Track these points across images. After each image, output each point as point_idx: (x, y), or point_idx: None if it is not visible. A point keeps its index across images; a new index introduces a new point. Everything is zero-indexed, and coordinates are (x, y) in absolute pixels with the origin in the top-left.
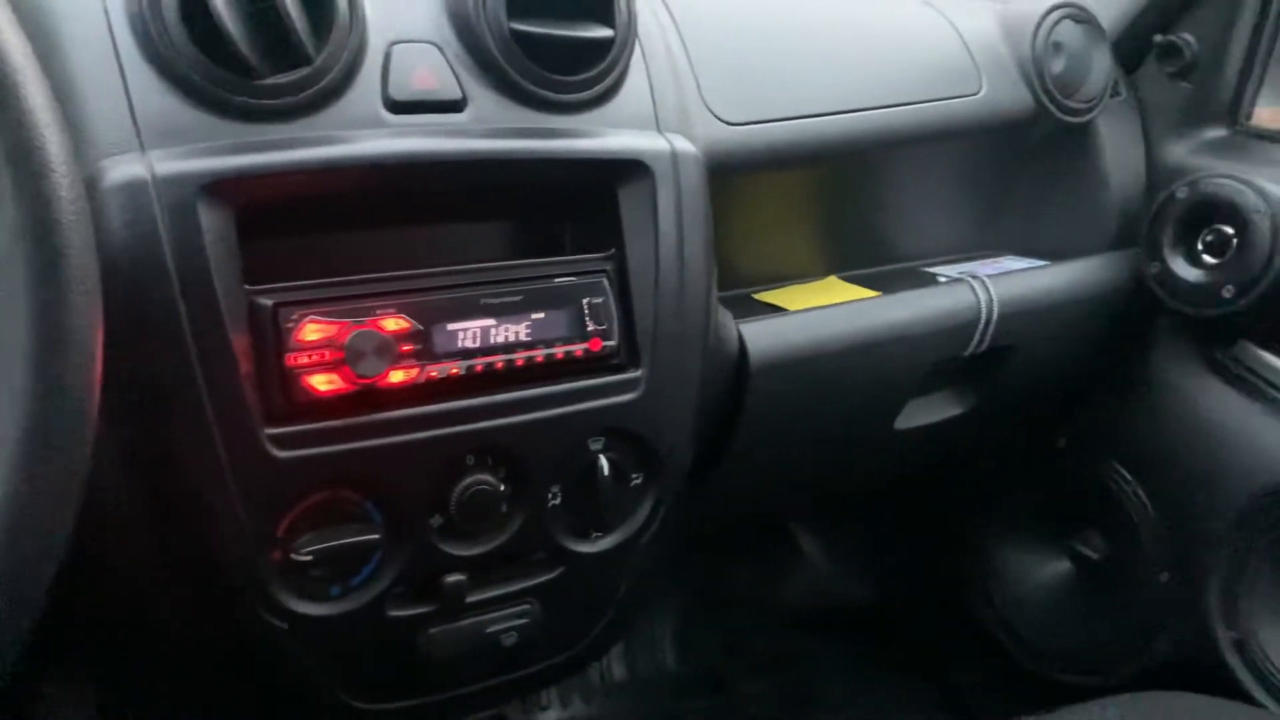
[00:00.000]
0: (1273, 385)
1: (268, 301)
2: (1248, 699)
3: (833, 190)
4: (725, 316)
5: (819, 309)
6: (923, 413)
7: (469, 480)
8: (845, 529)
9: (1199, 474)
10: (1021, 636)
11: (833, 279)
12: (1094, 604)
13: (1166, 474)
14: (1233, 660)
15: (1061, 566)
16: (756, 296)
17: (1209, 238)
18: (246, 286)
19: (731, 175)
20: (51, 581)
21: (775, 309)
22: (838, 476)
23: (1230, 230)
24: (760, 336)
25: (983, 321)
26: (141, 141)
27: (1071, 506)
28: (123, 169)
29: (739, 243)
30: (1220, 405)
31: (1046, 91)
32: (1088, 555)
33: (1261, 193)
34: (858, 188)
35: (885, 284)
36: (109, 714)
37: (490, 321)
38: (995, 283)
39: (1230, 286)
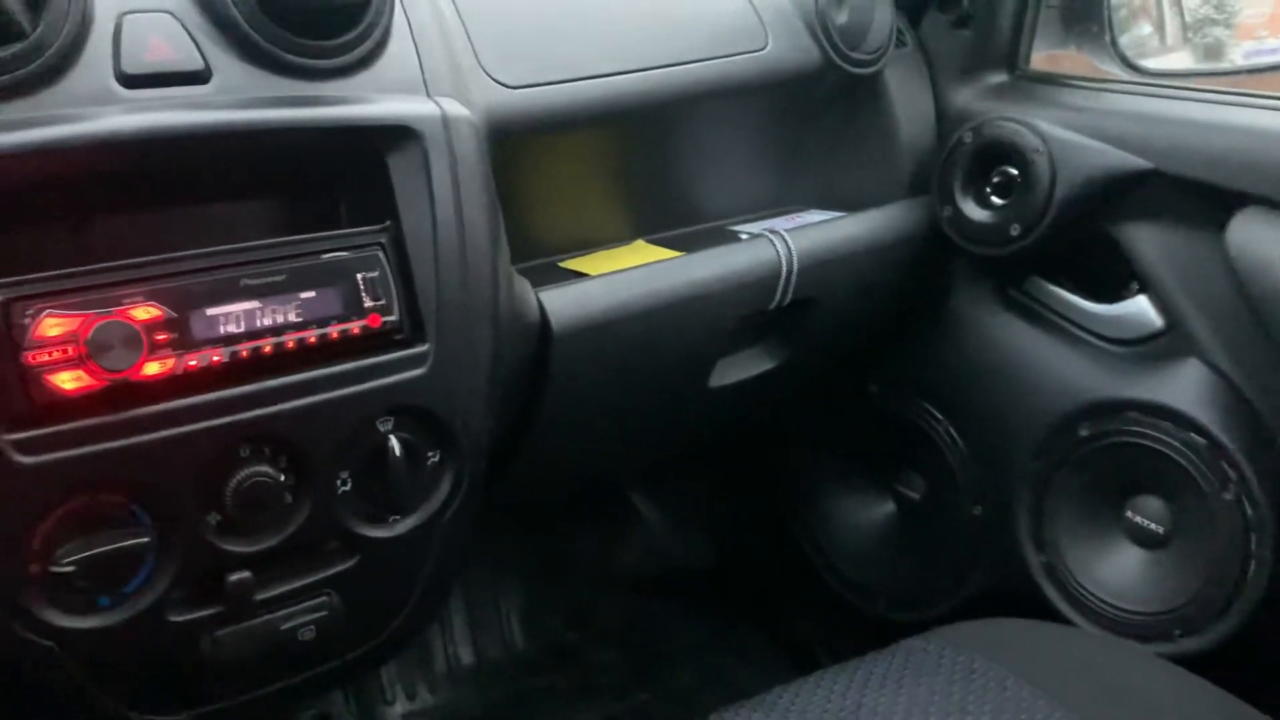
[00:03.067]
0: (1063, 317)
1: None
2: (1061, 619)
3: (634, 153)
4: (523, 285)
5: (620, 272)
6: (735, 369)
7: (245, 473)
8: (680, 490)
9: (1000, 408)
10: (852, 579)
11: (639, 243)
12: (916, 542)
13: (972, 410)
14: (1044, 584)
15: (886, 508)
16: (562, 264)
17: (996, 179)
18: None
19: (522, 140)
20: None
21: (579, 275)
22: (658, 438)
23: (1014, 171)
24: (561, 303)
25: (784, 275)
26: None
27: (890, 449)
28: None
29: (541, 210)
30: (1016, 340)
31: (832, 44)
32: (908, 495)
33: (1040, 133)
34: (659, 149)
35: (691, 244)
36: None
37: (254, 304)
38: (794, 236)
39: (1016, 225)
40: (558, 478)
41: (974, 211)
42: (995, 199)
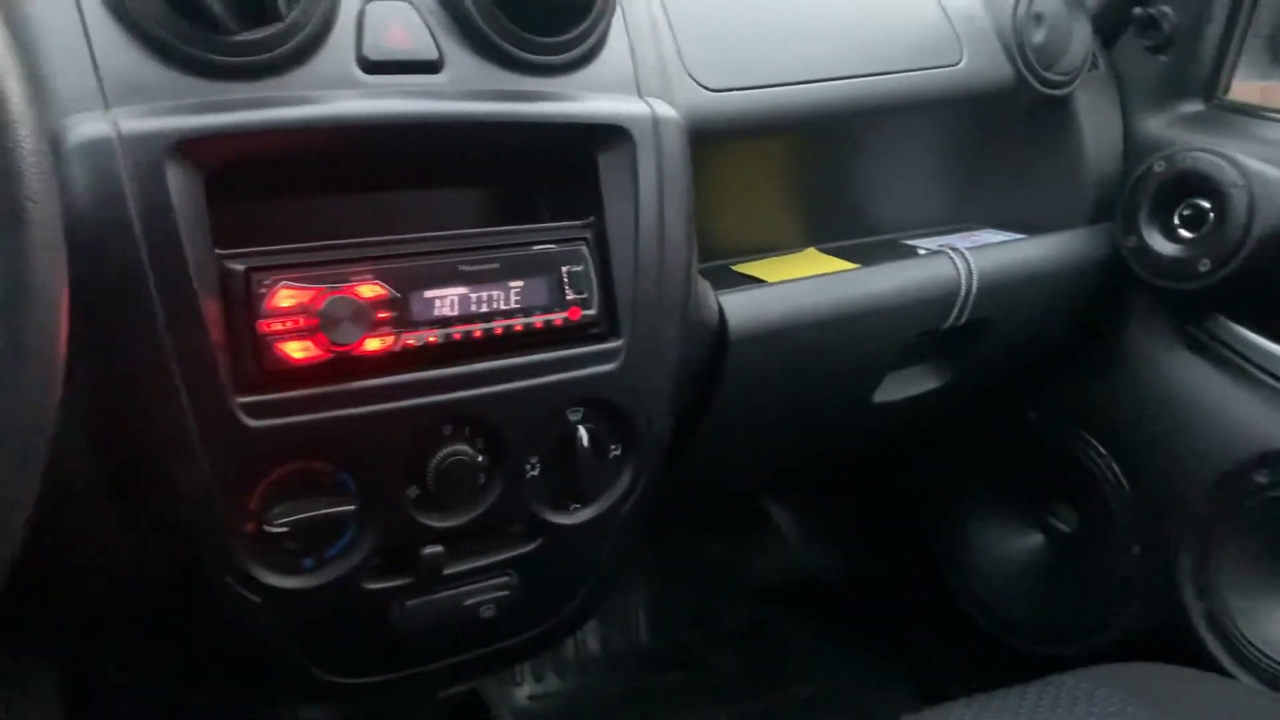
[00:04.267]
0: (1246, 359)
1: (239, 266)
2: (1220, 671)
3: (812, 161)
4: (704, 287)
5: (798, 280)
6: (900, 386)
7: (446, 451)
8: (818, 503)
9: (1171, 448)
10: (992, 608)
11: (811, 251)
12: (1065, 576)
13: (1139, 447)
14: (1204, 632)
15: (1033, 539)
16: (735, 268)
17: (1186, 212)
18: (217, 251)
19: (710, 143)
20: (11, 560)
21: (754, 280)
22: (814, 449)
23: (1207, 204)
24: (740, 308)
25: (963, 294)
26: (106, 99)
27: (1043, 479)
28: (86, 127)
29: (717, 213)
30: (1194, 380)
31: (1027, 63)
32: (1059, 528)
33: (1239, 166)
34: (837, 159)
35: (864, 256)
36: (70, 701)
37: (468, 289)
38: (975, 255)
39: (1206, 260)
40: (714, 477)
41: (1160, 244)
42: (1184, 232)
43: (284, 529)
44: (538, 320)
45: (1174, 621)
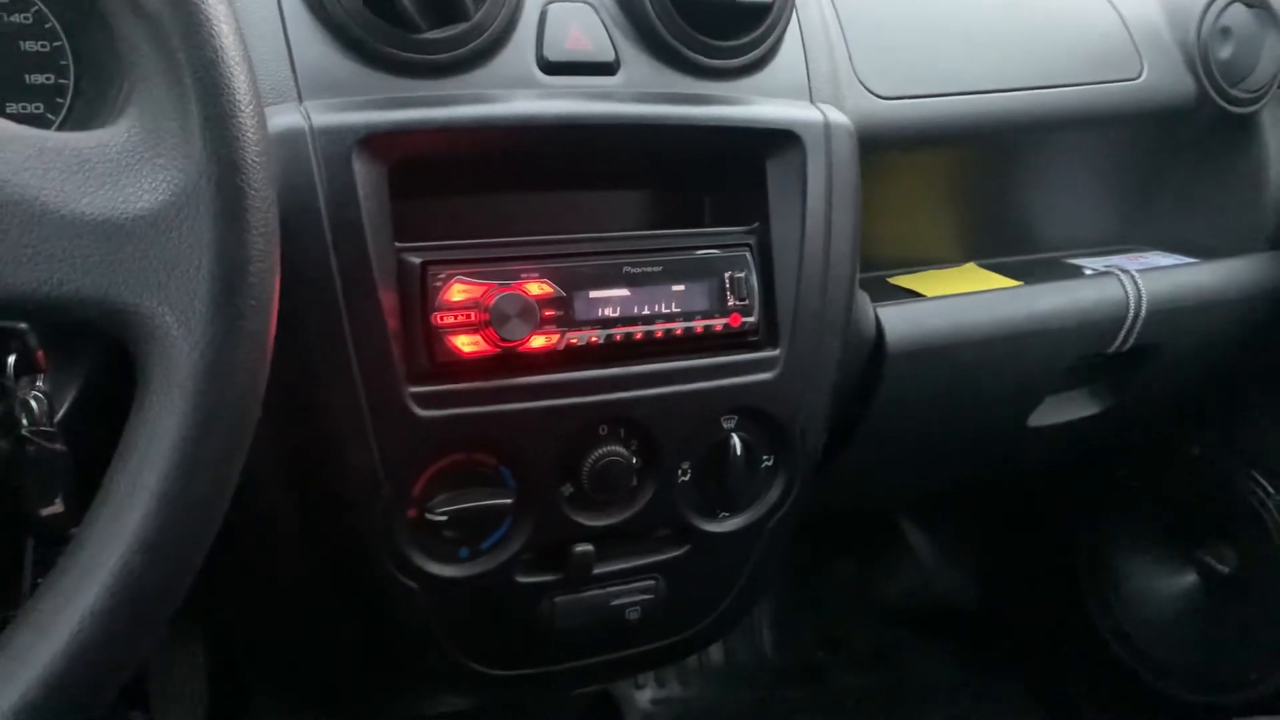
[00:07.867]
0: None
1: (416, 259)
2: None
3: (976, 173)
4: (863, 299)
5: (959, 296)
6: (1057, 411)
7: (601, 450)
8: (953, 524)
9: None
10: (1140, 649)
11: (971, 266)
12: (1223, 620)
13: None
14: None
15: (1187, 579)
16: (892, 280)
17: None
18: (396, 244)
19: (874, 152)
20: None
21: (912, 294)
22: (964, 470)
23: None
24: (898, 321)
25: (1130, 317)
26: (299, 91)
27: (1202, 517)
28: (281, 118)
29: (875, 224)
30: None
31: (1211, 79)
32: (1217, 568)
33: None
34: (1002, 173)
35: (1026, 274)
36: (221, 679)
37: (631, 291)
38: (1145, 277)
39: None
40: (858, 493)
41: None
42: None
43: (444, 518)
44: (698, 325)
45: None
